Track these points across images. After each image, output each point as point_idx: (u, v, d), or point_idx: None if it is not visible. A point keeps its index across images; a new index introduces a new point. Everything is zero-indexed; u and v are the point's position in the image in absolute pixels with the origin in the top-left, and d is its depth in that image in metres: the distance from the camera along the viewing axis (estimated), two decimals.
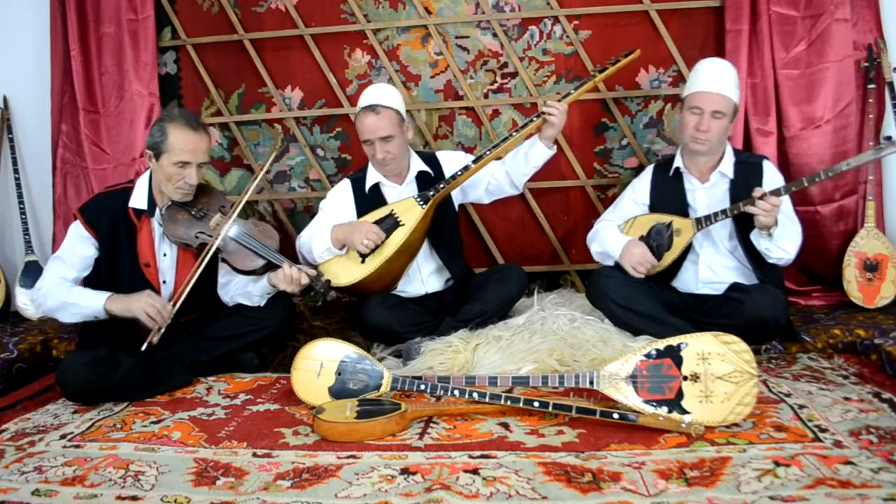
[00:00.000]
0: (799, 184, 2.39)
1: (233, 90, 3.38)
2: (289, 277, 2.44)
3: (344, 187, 2.78)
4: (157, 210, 2.45)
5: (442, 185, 2.61)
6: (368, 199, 2.71)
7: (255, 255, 2.47)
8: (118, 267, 2.40)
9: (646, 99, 3.17)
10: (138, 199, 2.45)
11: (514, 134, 2.61)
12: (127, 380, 2.26)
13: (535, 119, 2.59)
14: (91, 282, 2.44)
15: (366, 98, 2.65)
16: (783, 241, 2.41)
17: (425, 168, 2.75)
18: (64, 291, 2.34)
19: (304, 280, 2.45)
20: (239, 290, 2.61)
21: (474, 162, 2.62)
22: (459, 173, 2.61)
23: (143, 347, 2.28)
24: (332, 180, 3.33)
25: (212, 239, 2.41)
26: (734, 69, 2.59)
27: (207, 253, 2.38)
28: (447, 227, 2.77)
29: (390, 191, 2.74)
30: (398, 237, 2.55)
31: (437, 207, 2.65)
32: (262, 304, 2.58)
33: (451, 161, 2.80)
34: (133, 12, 3.25)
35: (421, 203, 2.59)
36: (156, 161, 2.38)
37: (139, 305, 2.29)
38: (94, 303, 2.32)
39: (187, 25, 3.35)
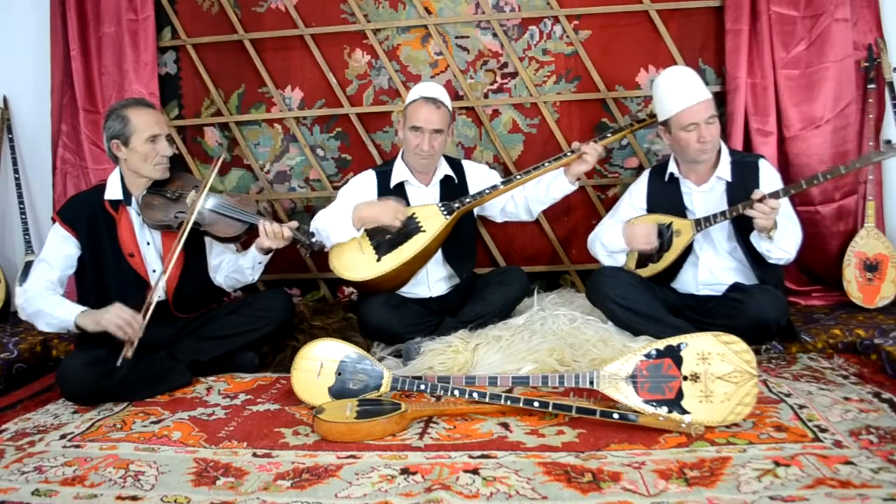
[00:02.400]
0: (797, 186, 2.40)
1: (233, 90, 3.38)
2: (272, 232, 2.44)
3: (368, 177, 2.78)
4: (134, 199, 2.46)
5: (469, 200, 2.64)
6: (392, 195, 2.70)
7: (235, 221, 2.48)
8: (104, 261, 2.41)
9: (646, 99, 3.17)
10: (112, 191, 2.47)
11: (545, 164, 2.65)
12: (127, 380, 2.26)
13: (568, 154, 2.63)
14: (79, 279, 2.45)
15: (425, 90, 2.68)
16: (783, 242, 2.41)
17: (451, 173, 2.78)
18: (42, 299, 2.33)
19: (287, 233, 2.46)
20: (231, 266, 2.62)
21: (503, 183, 2.66)
22: (487, 192, 2.65)
23: (118, 363, 2.19)
24: (332, 180, 3.33)
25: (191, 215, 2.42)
26: (690, 69, 2.60)
27: (187, 225, 2.38)
28: (464, 239, 2.79)
29: (415, 191, 2.75)
30: (418, 242, 2.56)
31: (458, 219, 2.66)
32: (256, 277, 2.61)
33: (475, 172, 2.83)
34: (133, 12, 3.25)
35: (445, 213, 2.60)
36: (126, 148, 2.41)
37: (108, 318, 2.22)
38: (67, 315, 2.29)
39: (187, 25, 3.34)
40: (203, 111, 3.40)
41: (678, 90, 2.47)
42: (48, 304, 2.33)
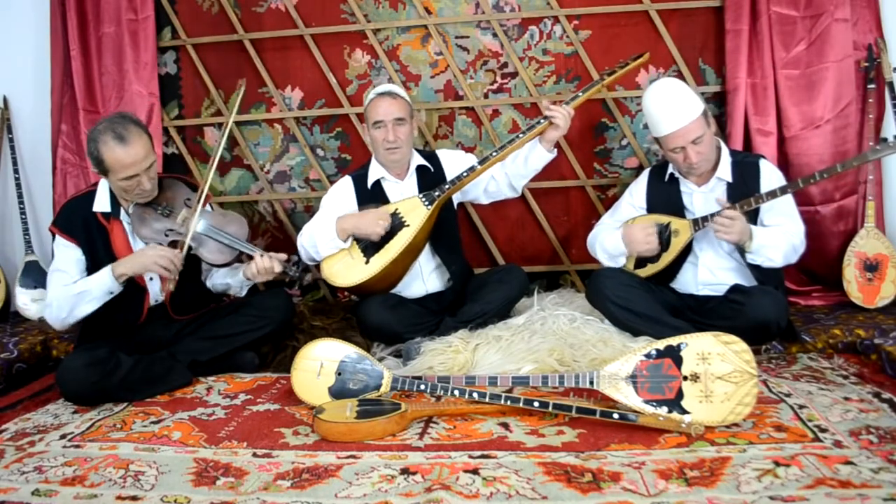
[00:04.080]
0: (794, 185, 2.39)
1: (233, 90, 3.38)
2: (261, 268, 2.44)
3: (345, 184, 2.79)
4: (122, 210, 2.45)
5: (447, 186, 2.62)
6: (370, 196, 2.71)
7: (226, 248, 2.46)
8: (100, 268, 2.39)
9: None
10: (101, 204, 2.45)
11: (520, 136, 2.61)
12: (127, 380, 2.26)
13: (541, 122, 2.60)
14: None
15: (377, 89, 2.73)
16: (769, 251, 2.40)
17: (425, 163, 2.77)
18: (68, 290, 2.34)
19: (277, 268, 2.46)
20: (219, 279, 2.64)
21: (480, 163, 2.62)
22: (465, 174, 2.62)
23: (161, 298, 2.35)
24: (332, 180, 3.32)
25: (181, 236, 2.40)
26: (679, 82, 2.55)
27: (183, 250, 2.38)
28: (447, 226, 2.77)
29: (392, 186, 2.75)
30: (404, 238, 2.55)
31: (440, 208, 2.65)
32: (243, 293, 2.64)
33: (450, 159, 2.81)
34: (133, 12, 3.25)
35: (426, 203, 2.59)
36: (105, 177, 2.40)
37: (151, 259, 2.31)
38: (102, 278, 2.32)
39: (187, 25, 3.35)
40: (203, 111, 3.40)
41: (663, 113, 2.45)
42: (79, 286, 2.33)
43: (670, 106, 2.44)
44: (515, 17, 3.19)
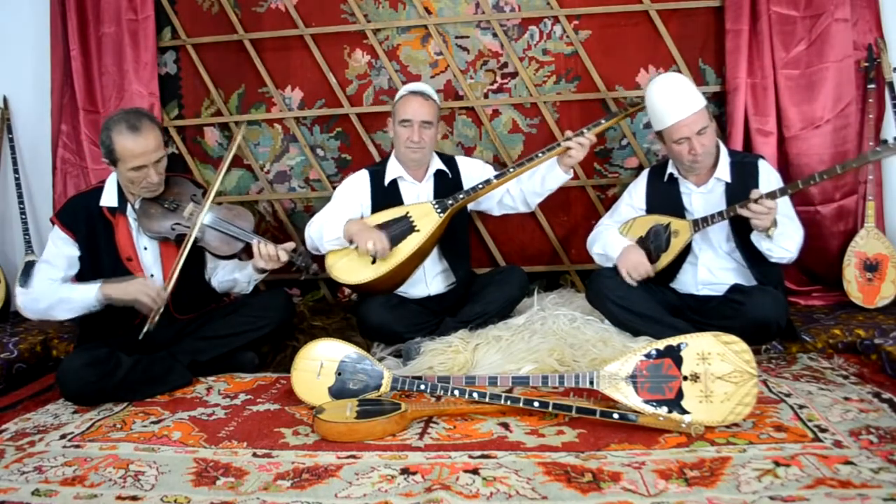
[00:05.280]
0: (794, 186, 2.39)
1: (233, 90, 3.38)
2: (267, 255, 2.45)
3: (362, 177, 2.79)
4: (129, 206, 2.47)
5: (462, 196, 2.63)
6: (385, 194, 2.71)
7: (233, 239, 2.48)
8: (101, 264, 2.41)
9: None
10: (109, 198, 2.47)
11: (540, 155, 2.64)
12: (126, 380, 2.26)
13: (562, 144, 2.62)
14: (76, 279, 2.45)
15: (412, 86, 2.74)
16: (784, 241, 2.40)
17: (444, 168, 2.78)
18: (53, 289, 2.36)
19: (284, 256, 2.47)
20: (226, 276, 2.65)
21: (496, 177, 2.64)
22: (480, 186, 2.63)
23: (142, 335, 2.32)
24: (332, 180, 3.33)
25: (188, 229, 2.42)
26: (681, 76, 2.57)
27: (187, 243, 2.40)
28: (458, 234, 2.79)
29: (409, 187, 2.75)
30: (412, 243, 2.55)
31: (453, 216, 2.66)
32: (250, 290, 2.65)
33: (469, 168, 2.83)
34: (133, 12, 3.25)
35: (439, 211, 2.60)
36: (115, 167, 2.41)
37: (137, 289, 2.32)
38: (86, 293, 2.33)
39: (187, 25, 3.35)
40: (203, 111, 3.40)
41: (667, 103, 2.46)
42: (63, 291, 2.36)
43: (675, 97, 2.45)
44: (515, 17, 3.19)
